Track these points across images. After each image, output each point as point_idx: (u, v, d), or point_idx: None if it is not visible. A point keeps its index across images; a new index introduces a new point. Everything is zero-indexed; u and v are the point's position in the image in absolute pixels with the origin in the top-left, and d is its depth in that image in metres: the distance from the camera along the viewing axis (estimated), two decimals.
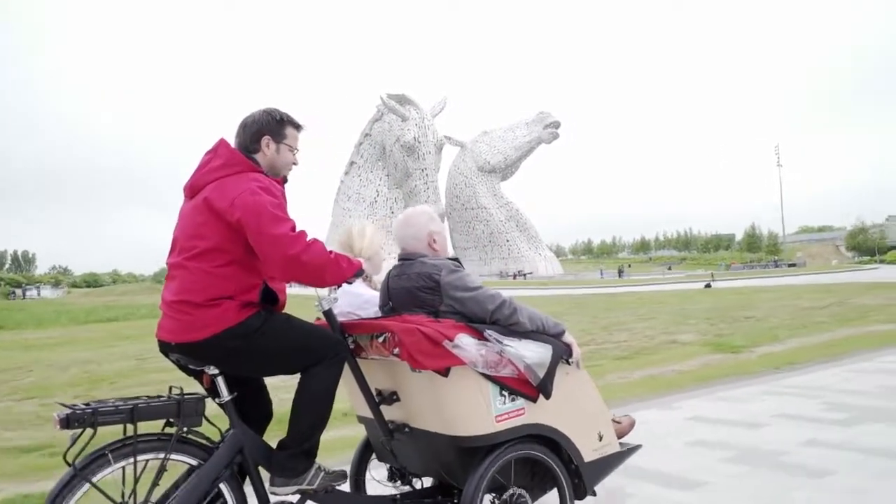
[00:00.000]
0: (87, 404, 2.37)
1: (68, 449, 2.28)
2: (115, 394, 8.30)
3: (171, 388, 2.57)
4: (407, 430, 2.96)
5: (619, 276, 72.39)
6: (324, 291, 2.92)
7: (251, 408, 2.74)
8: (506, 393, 2.76)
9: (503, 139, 72.19)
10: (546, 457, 2.88)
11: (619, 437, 3.35)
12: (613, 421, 3.38)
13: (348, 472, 3.38)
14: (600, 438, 3.04)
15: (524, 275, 64.89)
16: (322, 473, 2.66)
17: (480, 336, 2.69)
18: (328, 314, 2.88)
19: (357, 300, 3.18)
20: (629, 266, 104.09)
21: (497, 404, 2.74)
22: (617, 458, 3.11)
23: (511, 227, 71.57)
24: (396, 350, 2.61)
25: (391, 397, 2.94)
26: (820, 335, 11.17)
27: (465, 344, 2.62)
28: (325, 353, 2.66)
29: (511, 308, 2.79)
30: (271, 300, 2.60)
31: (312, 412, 2.64)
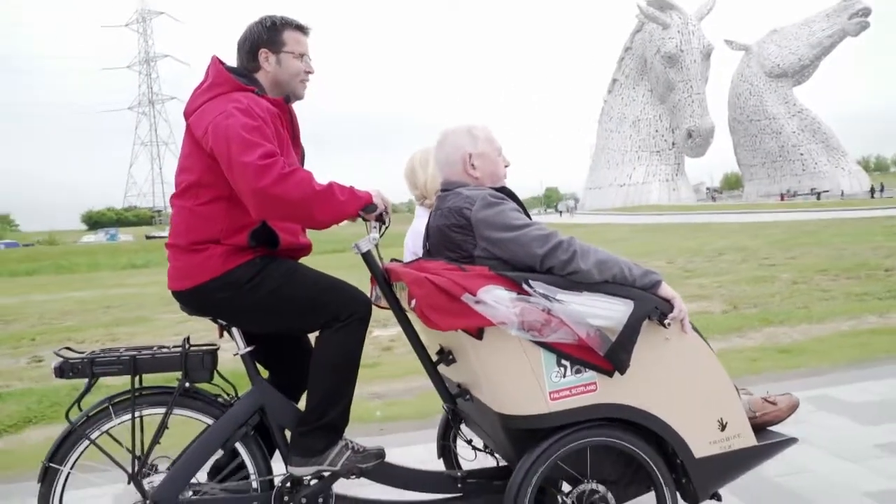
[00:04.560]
0: (95, 352, 2.28)
1: (77, 400, 2.21)
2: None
3: (186, 338, 2.37)
4: (468, 397, 2.45)
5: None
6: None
7: (283, 364, 2.45)
8: (566, 363, 2.09)
9: (796, 37, 62.65)
10: (635, 448, 2.16)
11: (773, 422, 2.46)
12: (765, 401, 2.49)
13: (436, 436, 2.98)
14: (722, 427, 2.20)
15: (818, 194, 56.52)
16: (348, 452, 2.27)
17: (519, 289, 2.04)
18: (367, 258, 2.45)
19: (421, 239, 2.68)
20: None
21: (552, 377, 2.08)
22: (753, 455, 2.25)
23: (806, 138, 62.67)
24: (413, 303, 2.10)
25: (448, 357, 2.44)
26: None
27: (494, 299, 1.99)
28: (338, 312, 2.24)
29: (569, 252, 2.07)
30: (271, 243, 2.22)
31: (327, 382, 2.25)
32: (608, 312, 2.06)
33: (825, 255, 12.80)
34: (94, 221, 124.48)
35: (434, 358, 2.49)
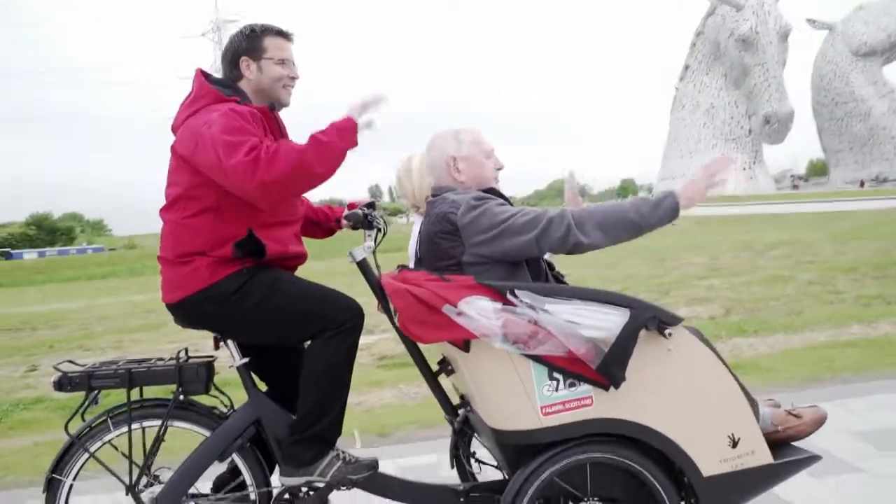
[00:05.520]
0: (95, 365, 2.33)
1: (76, 412, 2.25)
2: None
3: (183, 350, 2.39)
4: (469, 408, 2.38)
5: None
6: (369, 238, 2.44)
7: (281, 376, 2.43)
8: (559, 376, 1.98)
9: (886, 12, 59.05)
10: (637, 465, 2.03)
11: (797, 437, 2.28)
12: (790, 414, 2.31)
13: (449, 447, 2.91)
14: (734, 444, 2.04)
15: None
16: (339, 463, 2.23)
17: (504, 299, 1.94)
18: (362, 266, 2.40)
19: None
20: None
21: (544, 391, 1.98)
22: (769, 474, 2.08)
23: None
24: (397, 315, 2.05)
25: (448, 367, 2.38)
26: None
27: (476, 310, 1.91)
28: (328, 321, 2.20)
29: (563, 226, 1.97)
30: (257, 253, 2.21)
31: (316, 393, 2.21)
32: (601, 323, 1.94)
33: (874, 251, 11.77)
34: None
35: (435, 368, 2.43)
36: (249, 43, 2.28)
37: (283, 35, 2.32)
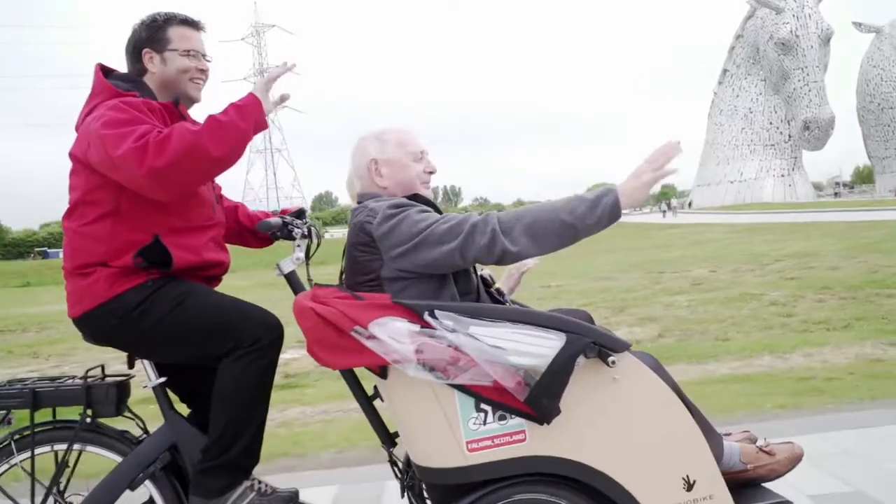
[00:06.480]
0: (3, 383, 2.18)
1: None
2: None
3: (98, 368, 2.23)
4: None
5: None
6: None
7: (202, 399, 2.23)
8: (487, 408, 1.76)
9: None
10: None
11: (768, 478, 2.03)
12: (761, 451, 2.05)
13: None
14: (689, 486, 1.80)
15: None
16: (252, 494, 2.04)
17: (422, 320, 1.73)
18: (290, 279, 2.22)
19: None
20: None
21: (469, 425, 1.76)
22: None
23: None
24: None
25: (377, 392, 2.18)
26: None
27: (389, 333, 1.70)
28: (240, 338, 2.01)
29: (486, 233, 1.73)
30: (164, 263, 2.02)
31: (227, 415, 2.03)
32: (532, 349, 1.71)
33: (868, 267, 10.95)
34: None
35: (371, 392, 2.23)
36: (151, 33, 2.11)
37: (191, 24, 2.15)
